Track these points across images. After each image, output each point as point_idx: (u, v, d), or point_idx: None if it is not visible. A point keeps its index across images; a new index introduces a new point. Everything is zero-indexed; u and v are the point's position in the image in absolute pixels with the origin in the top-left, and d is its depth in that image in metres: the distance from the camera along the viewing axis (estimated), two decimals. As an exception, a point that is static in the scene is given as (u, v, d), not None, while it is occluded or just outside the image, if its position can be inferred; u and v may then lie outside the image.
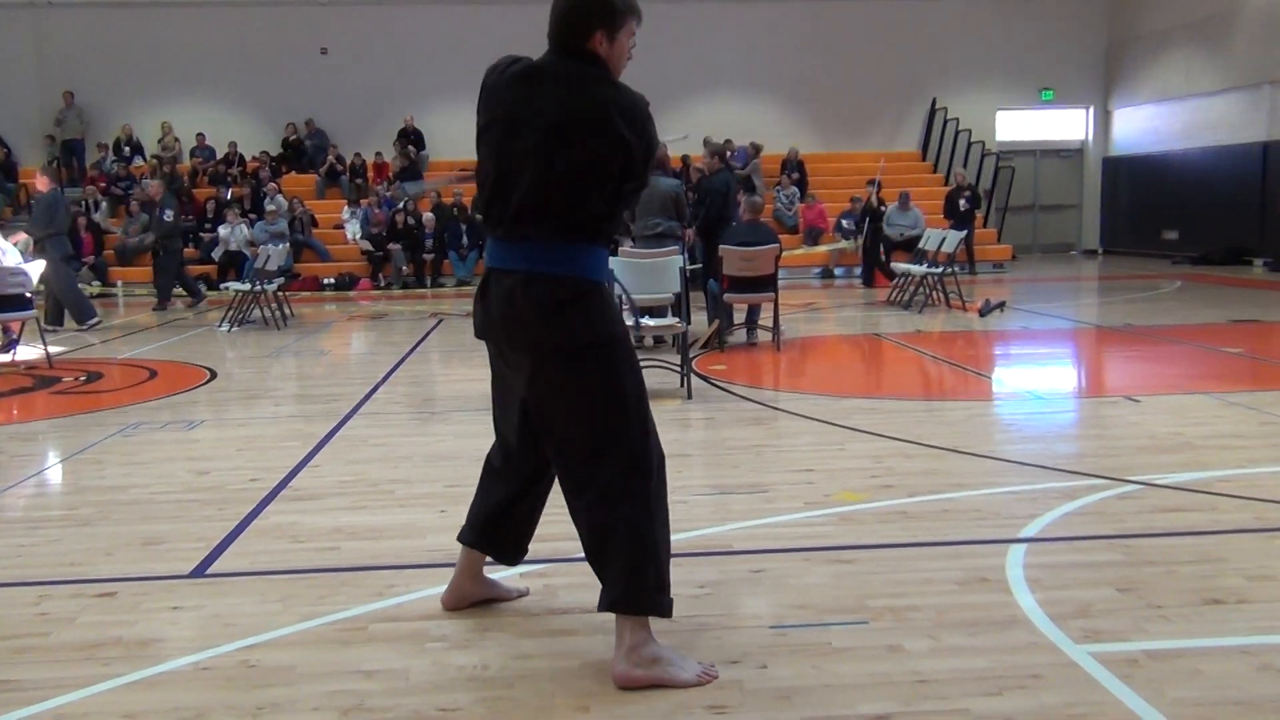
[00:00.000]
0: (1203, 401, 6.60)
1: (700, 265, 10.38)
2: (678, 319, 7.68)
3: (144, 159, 20.38)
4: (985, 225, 19.83)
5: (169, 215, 14.04)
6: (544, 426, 3.06)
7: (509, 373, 3.12)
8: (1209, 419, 6.09)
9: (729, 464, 5.36)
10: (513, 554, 3.42)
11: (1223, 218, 18.67)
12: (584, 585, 3.59)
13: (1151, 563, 3.72)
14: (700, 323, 9.88)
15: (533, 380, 3.01)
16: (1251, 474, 4.89)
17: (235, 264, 16.92)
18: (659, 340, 9.47)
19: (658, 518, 2.98)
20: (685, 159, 18.54)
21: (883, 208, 16.96)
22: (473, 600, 3.47)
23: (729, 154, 17.10)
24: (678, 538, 4.07)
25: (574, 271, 2.92)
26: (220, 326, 12.01)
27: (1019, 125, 22.60)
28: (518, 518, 3.37)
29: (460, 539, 3.42)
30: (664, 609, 2.96)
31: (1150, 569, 3.66)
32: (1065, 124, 22.92)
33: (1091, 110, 22.77)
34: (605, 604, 2.95)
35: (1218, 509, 4.36)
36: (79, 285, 12.95)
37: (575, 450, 3.01)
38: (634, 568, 2.91)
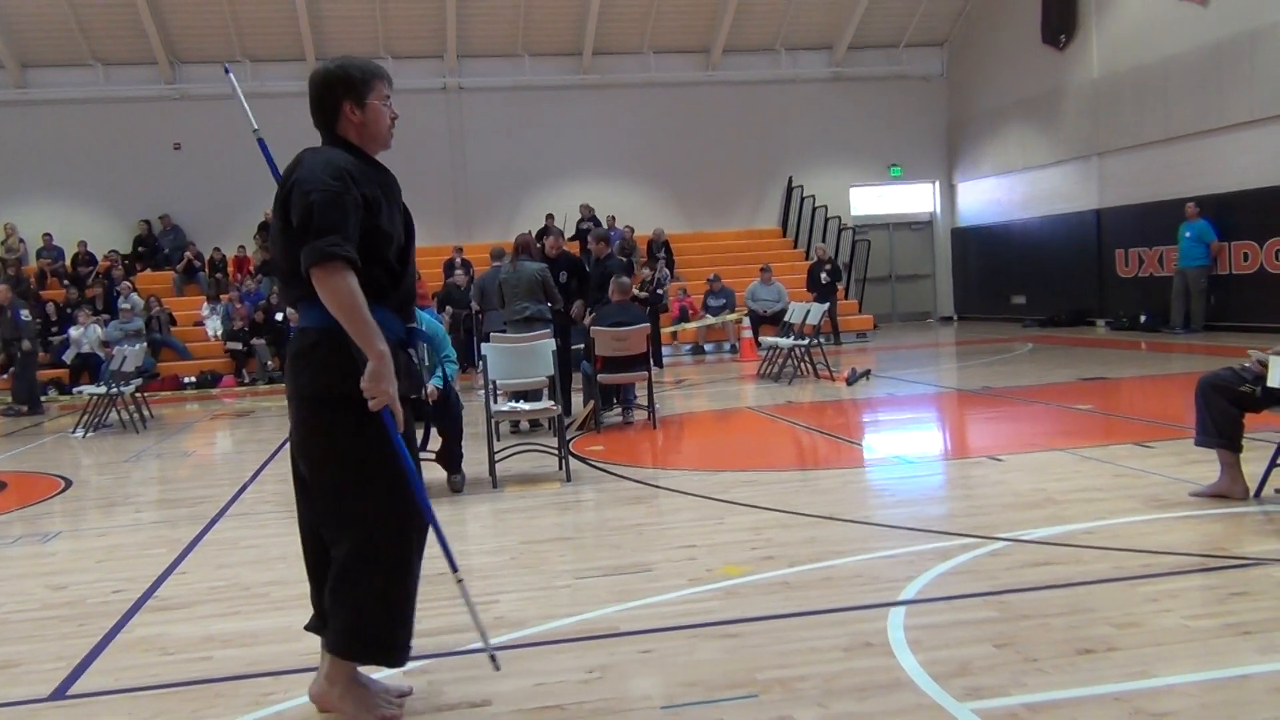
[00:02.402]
0: (1060, 458, 6.88)
1: (582, 346, 10.41)
2: (552, 402, 7.68)
3: (-13, 262, 19.54)
4: (846, 297, 20.49)
5: (25, 315, 13.56)
6: (306, 479, 3.27)
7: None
8: (1067, 474, 6.35)
9: (611, 544, 5.34)
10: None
11: (1065, 282, 19.70)
12: (470, 678, 3.52)
13: (1025, 617, 3.84)
14: (582, 404, 9.89)
15: (292, 432, 3.26)
16: (1110, 525, 5.11)
17: (89, 366, 16.26)
18: (535, 424, 9.45)
19: (395, 579, 3.19)
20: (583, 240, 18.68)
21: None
22: None
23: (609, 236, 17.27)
24: (563, 623, 4.06)
25: (312, 323, 3.14)
26: (74, 432, 11.49)
27: (871, 200, 23.57)
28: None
29: (307, 626, 3.43)
30: (387, 660, 3.25)
31: (1024, 623, 3.78)
32: (914, 198, 23.98)
33: (937, 184, 23.89)
34: (328, 646, 3.24)
35: (1082, 561, 4.54)
36: None
37: (321, 506, 3.23)
38: (358, 622, 3.17)
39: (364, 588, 3.16)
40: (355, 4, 20.23)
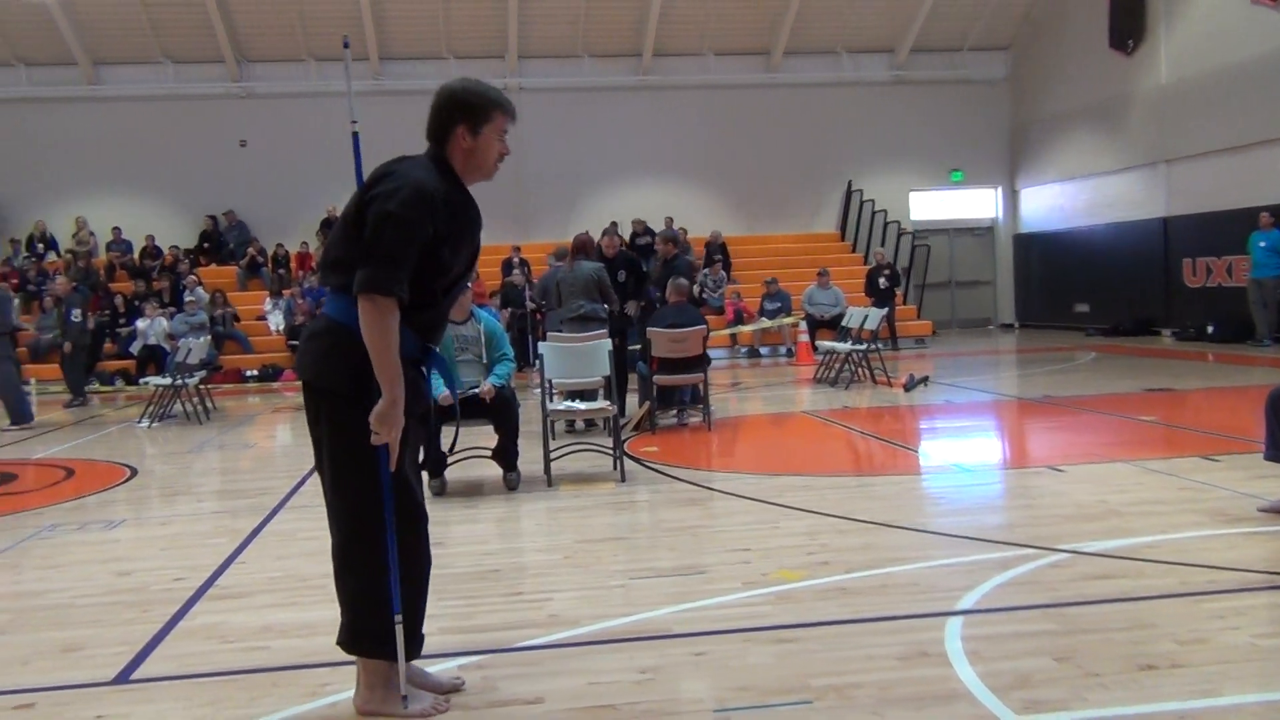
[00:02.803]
0: (1123, 469, 6.75)
1: (640, 346, 10.41)
2: (609, 402, 7.69)
3: (58, 254, 20.01)
4: (905, 302, 20.30)
5: (75, 315, 13.80)
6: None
7: None
8: (1130, 486, 6.23)
9: (665, 546, 5.34)
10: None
11: (1130, 290, 19.33)
12: (524, 675, 3.53)
13: (1086, 630, 3.77)
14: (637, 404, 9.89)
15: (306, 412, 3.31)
16: (1174, 539, 5.00)
17: (155, 358, 16.59)
18: (590, 424, 9.47)
19: (385, 577, 3.20)
20: (633, 239, 18.75)
21: None
22: None
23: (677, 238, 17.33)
24: (616, 623, 4.05)
25: (329, 312, 3.21)
26: (140, 422, 11.73)
27: (932, 205, 23.30)
28: None
29: None
30: (383, 656, 3.24)
31: (1085, 637, 3.71)
32: (976, 203, 23.67)
33: (1000, 190, 23.57)
34: (337, 639, 3.32)
35: (1145, 575, 4.45)
36: (22, 387, 12.60)
37: (326, 494, 3.27)
38: (357, 618, 3.25)
39: (354, 582, 3.25)
40: (418, 4, 20.42)
